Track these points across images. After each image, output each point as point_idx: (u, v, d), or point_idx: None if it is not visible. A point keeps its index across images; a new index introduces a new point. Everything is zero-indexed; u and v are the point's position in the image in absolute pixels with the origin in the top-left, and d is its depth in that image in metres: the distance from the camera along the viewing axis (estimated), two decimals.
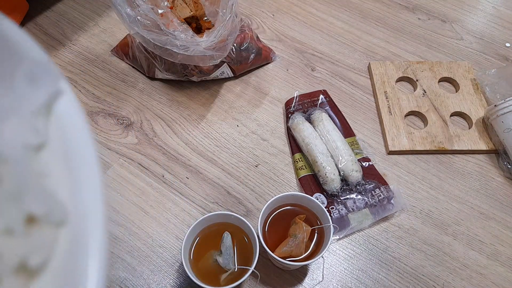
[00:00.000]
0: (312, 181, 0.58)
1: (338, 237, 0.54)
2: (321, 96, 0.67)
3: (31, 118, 0.14)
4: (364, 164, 0.60)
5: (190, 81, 0.69)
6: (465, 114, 0.67)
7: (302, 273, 0.52)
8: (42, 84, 0.14)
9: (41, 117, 0.14)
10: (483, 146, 0.63)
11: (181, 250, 0.45)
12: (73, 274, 0.13)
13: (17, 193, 0.13)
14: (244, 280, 0.44)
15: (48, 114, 0.14)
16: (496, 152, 0.63)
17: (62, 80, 0.15)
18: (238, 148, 0.63)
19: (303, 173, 0.59)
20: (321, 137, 0.60)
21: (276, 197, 0.49)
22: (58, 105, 0.14)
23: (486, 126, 0.65)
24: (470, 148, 0.63)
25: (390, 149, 0.62)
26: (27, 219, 0.14)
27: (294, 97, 0.67)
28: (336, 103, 0.67)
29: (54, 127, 0.14)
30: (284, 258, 0.46)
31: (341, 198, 0.56)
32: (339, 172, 0.57)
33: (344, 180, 0.57)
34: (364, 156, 0.61)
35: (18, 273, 0.13)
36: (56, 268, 0.13)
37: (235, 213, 0.48)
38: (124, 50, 0.71)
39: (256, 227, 0.47)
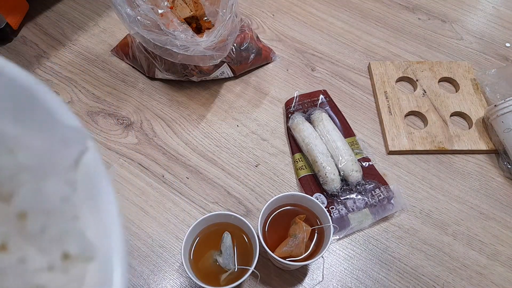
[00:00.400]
0: (312, 181, 0.58)
1: (338, 237, 0.54)
2: (321, 96, 0.67)
3: (65, 173, 0.17)
4: (364, 164, 0.60)
5: (190, 81, 0.69)
6: (465, 114, 0.67)
7: (302, 273, 0.52)
8: (74, 145, 0.17)
9: (72, 170, 0.17)
10: (483, 146, 0.63)
11: (181, 250, 0.45)
12: None
13: (58, 237, 0.16)
14: (244, 280, 0.44)
15: (77, 167, 0.17)
16: (496, 152, 0.63)
17: (89, 138, 0.18)
18: (238, 148, 0.63)
19: (303, 173, 0.59)
20: (321, 137, 0.60)
21: (276, 197, 0.49)
22: (85, 158, 0.17)
23: (486, 126, 0.65)
24: (470, 148, 0.63)
25: (390, 149, 0.62)
26: (63, 257, 0.16)
27: (294, 97, 0.67)
28: (336, 103, 0.67)
29: (81, 177, 0.17)
30: (284, 258, 0.46)
31: (341, 198, 0.56)
32: (339, 172, 0.57)
33: (344, 180, 0.57)
34: (364, 156, 0.61)
35: None
36: None
37: (235, 213, 0.48)
38: (124, 50, 0.71)
39: (256, 227, 0.47)
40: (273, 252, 0.46)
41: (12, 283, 0.14)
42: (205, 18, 0.60)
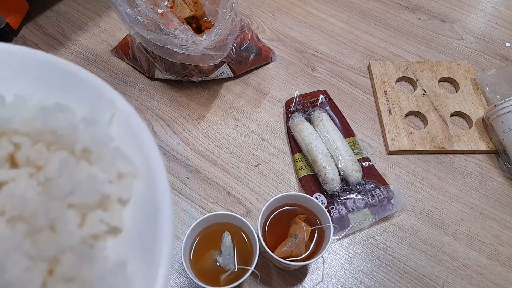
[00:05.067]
0: (312, 181, 0.58)
1: (338, 237, 0.54)
2: (321, 96, 0.67)
3: (106, 127, 0.25)
4: (364, 164, 0.60)
5: (190, 81, 0.69)
6: (465, 114, 0.67)
7: (302, 273, 0.52)
8: (106, 109, 0.25)
9: (108, 125, 0.25)
10: (483, 146, 0.63)
11: (181, 250, 0.45)
12: (150, 201, 0.22)
13: (112, 162, 0.23)
14: (244, 280, 0.44)
15: (111, 123, 0.25)
16: (496, 152, 0.63)
17: (117, 101, 0.26)
18: (238, 148, 0.63)
19: (303, 173, 0.59)
20: (321, 137, 0.60)
21: (276, 197, 0.49)
22: (117, 116, 0.26)
23: (486, 126, 0.65)
24: (470, 148, 0.63)
25: (390, 149, 0.62)
26: (118, 175, 0.23)
27: (294, 97, 0.67)
28: (336, 103, 0.67)
29: (118, 126, 0.25)
30: (284, 258, 0.46)
31: (341, 198, 0.56)
32: (339, 172, 0.57)
33: (344, 180, 0.57)
34: (364, 156, 0.61)
35: (118, 203, 0.23)
36: (136, 200, 0.23)
37: (235, 213, 0.48)
38: (124, 50, 0.71)
39: (256, 227, 0.47)
40: (273, 252, 0.46)
41: (86, 189, 0.21)
42: (205, 18, 0.60)
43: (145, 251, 0.20)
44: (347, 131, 0.64)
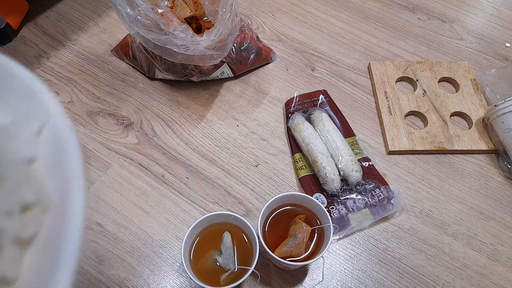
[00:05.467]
0: (312, 181, 0.58)
1: (338, 237, 0.54)
2: (321, 96, 0.67)
3: (28, 140, 0.20)
4: (364, 164, 0.60)
5: (190, 81, 0.69)
6: (465, 114, 0.67)
7: (302, 273, 0.52)
8: (37, 117, 0.19)
9: (35, 138, 0.20)
10: (483, 146, 0.63)
11: (181, 250, 0.45)
12: (55, 243, 0.17)
13: (17, 188, 0.18)
14: (244, 280, 0.44)
15: (39, 135, 0.20)
16: (496, 152, 0.63)
17: (51, 109, 0.20)
18: (238, 148, 0.63)
19: (303, 173, 0.59)
20: (321, 137, 0.60)
21: (276, 197, 0.49)
22: (48, 128, 0.20)
23: (486, 126, 0.65)
24: (470, 148, 0.63)
25: (390, 149, 0.62)
26: (22, 207, 0.18)
27: (294, 97, 0.67)
28: (336, 103, 0.67)
29: (44, 143, 0.20)
30: (284, 258, 0.46)
31: (341, 198, 0.56)
32: (339, 172, 0.57)
33: (344, 180, 0.57)
34: (364, 156, 0.61)
35: (15, 243, 0.18)
36: (42, 239, 0.18)
37: (235, 213, 0.48)
38: (124, 50, 0.71)
39: (256, 227, 0.47)
40: (273, 252, 0.46)
41: None
42: (205, 18, 0.60)
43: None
44: (347, 131, 0.64)
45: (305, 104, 0.66)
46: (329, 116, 0.64)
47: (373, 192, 0.57)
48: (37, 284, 0.17)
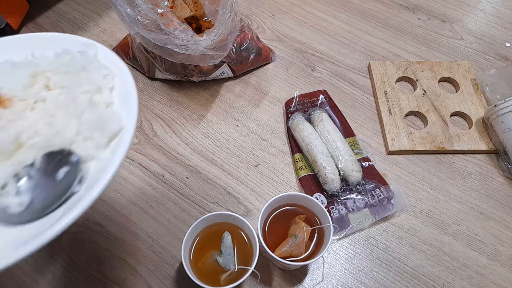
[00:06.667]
0: (312, 181, 0.58)
1: (338, 237, 0.54)
2: (321, 96, 0.67)
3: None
4: (364, 164, 0.60)
5: (190, 81, 0.69)
6: (465, 114, 0.67)
7: (302, 273, 0.52)
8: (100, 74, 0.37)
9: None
10: (483, 146, 0.63)
11: (181, 250, 0.45)
12: (124, 88, 0.37)
13: (99, 70, 0.37)
14: (244, 280, 0.44)
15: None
16: (496, 152, 0.63)
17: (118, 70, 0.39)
18: (238, 148, 0.63)
19: (303, 173, 0.59)
20: (321, 137, 0.60)
21: (276, 197, 0.49)
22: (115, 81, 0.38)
23: (486, 126, 0.65)
24: (470, 148, 0.63)
25: (390, 149, 0.62)
26: (104, 76, 0.37)
27: (294, 97, 0.67)
28: (336, 103, 0.67)
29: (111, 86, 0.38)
30: (284, 258, 0.46)
31: (341, 198, 0.56)
32: (339, 172, 0.57)
33: (344, 180, 0.57)
34: (364, 156, 0.61)
35: (109, 90, 0.37)
36: (117, 88, 0.37)
37: (235, 213, 0.48)
38: (124, 50, 0.71)
39: (256, 227, 0.47)
40: (273, 252, 0.46)
41: (90, 85, 0.36)
42: (205, 18, 0.60)
43: (124, 104, 0.35)
44: (347, 131, 0.64)
45: (305, 104, 0.66)
46: (329, 116, 0.64)
47: (373, 192, 0.57)
48: (123, 101, 0.35)
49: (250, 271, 0.44)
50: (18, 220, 0.28)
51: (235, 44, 0.66)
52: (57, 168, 0.30)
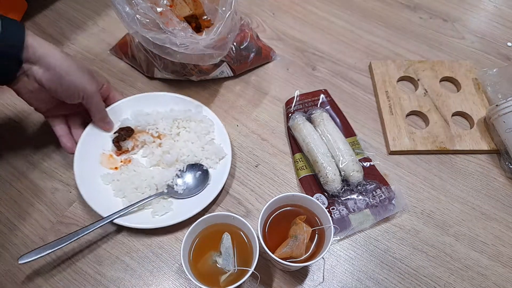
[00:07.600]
0: (312, 182, 0.58)
1: (338, 238, 0.54)
2: (322, 95, 0.67)
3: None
4: (365, 164, 0.59)
5: (189, 80, 0.68)
6: (467, 114, 0.67)
7: (302, 274, 0.52)
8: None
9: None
10: (484, 146, 0.63)
11: (180, 251, 0.45)
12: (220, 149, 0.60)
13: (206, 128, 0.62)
14: (244, 281, 0.44)
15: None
16: (498, 152, 0.63)
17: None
18: (238, 148, 0.63)
19: (304, 173, 0.59)
20: (322, 137, 0.59)
21: (276, 197, 0.48)
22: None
23: (488, 126, 0.64)
24: (471, 148, 0.62)
25: (391, 149, 0.62)
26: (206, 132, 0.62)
27: (294, 96, 0.66)
28: (337, 103, 0.67)
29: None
30: (284, 259, 0.45)
31: (342, 199, 0.56)
32: (340, 172, 0.57)
33: (345, 180, 0.57)
34: (365, 156, 0.60)
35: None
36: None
37: (235, 213, 0.48)
38: (123, 49, 0.70)
39: (256, 228, 0.47)
40: (273, 253, 0.45)
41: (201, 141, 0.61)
42: (205, 16, 0.60)
43: (221, 140, 0.60)
44: (348, 131, 0.63)
45: (306, 104, 0.66)
46: (330, 116, 0.63)
47: (374, 192, 0.56)
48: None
49: (250, 272, 0.43)
50: (181, 197, 0.56)
51: (235, 43, 0.66)
52: (195, 172, 0.57)
